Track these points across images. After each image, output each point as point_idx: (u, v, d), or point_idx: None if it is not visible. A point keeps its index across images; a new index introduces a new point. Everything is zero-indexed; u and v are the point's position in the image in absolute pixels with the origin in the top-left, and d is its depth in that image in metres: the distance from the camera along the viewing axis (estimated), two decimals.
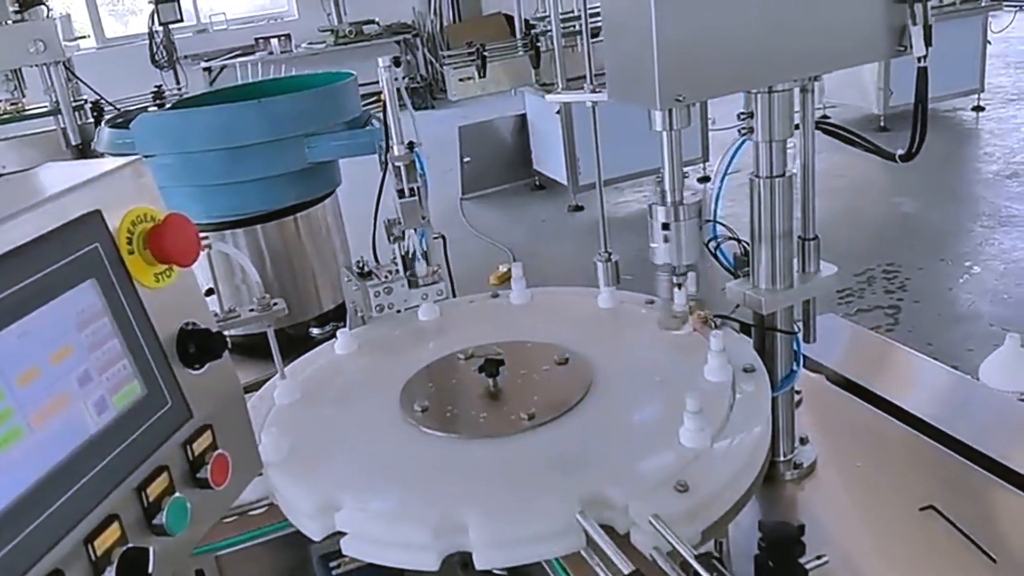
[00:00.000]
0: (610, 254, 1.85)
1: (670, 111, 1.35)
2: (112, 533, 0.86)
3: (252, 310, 2.17)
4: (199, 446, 0.98)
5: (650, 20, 1.21)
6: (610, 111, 1.71)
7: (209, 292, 1.95)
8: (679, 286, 1.54)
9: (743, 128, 1.47)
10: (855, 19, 1.38)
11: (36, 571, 0.80)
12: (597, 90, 1.60)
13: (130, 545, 0.87)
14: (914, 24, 1.36)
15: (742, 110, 1.46)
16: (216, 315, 2.06)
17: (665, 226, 1.46)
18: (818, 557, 1.16)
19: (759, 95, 1.42)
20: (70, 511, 0.84)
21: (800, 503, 1.59)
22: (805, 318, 1.59)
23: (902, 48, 1.39)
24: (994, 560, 1.34)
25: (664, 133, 1.40)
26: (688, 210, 1.45)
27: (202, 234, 1.03)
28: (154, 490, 0.92)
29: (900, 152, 1.50)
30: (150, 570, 0.86)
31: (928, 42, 1.36)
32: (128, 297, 0.93)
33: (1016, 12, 9.00)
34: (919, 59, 1.39)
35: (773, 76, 1.38)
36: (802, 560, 1.14)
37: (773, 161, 1.47)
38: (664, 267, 1.51)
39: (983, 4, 8.16)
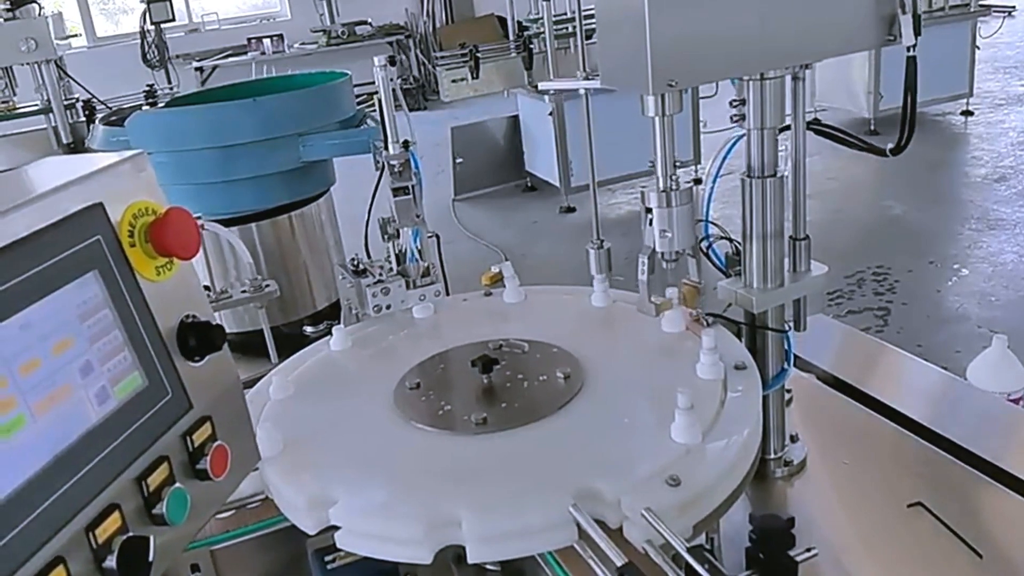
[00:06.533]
0: (602, 241, 1.86)
1: (662, 96, 1.35)
2: (113, 522, 0.87)
3: (244, 291, 2.17)
4: (199, 437, 0.99)
5: (643, 5, 1.22)
6: (603, 112, 1.73)
7: (206, 289, 1.96)
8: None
9: (735, 115, 1.48)
10: (845, 8, 1.39)
11: (38, 559, 0.81)
12: (590, 77, 1.61)
13: (131, 534, 0.88)
14: (903, 13, 1.37)
15: (734, 97, 1.47)
16: (208, 296, 2.06)
17: (648, 210, 1.46)
18: (808, 550, 1.18)
19: (751, 82, 1.43)
20: (72, 500, 0.85)
21: (790, 499, 1.61)
22: (796, 311, 1.61)
23: (891, 38, 1.40)
24: (980, 555, 1.36)
25: (656, 119, 1.40)
26: (680, 196, 1.46)
27: (195, 214, 1.04)
28: (154, 480, 0.93)
29: (890, 146, 1.51)
30: (151, 559, 0.87)
31: (917, 31, 1.37)
32: (129, 289, 0.94)
33: (1004, 17, 9.07)
34: (908, 48, 1.40)
35: (765, 63, 1.39)
36: (792, 552, 1.16)
37: (764, 150, 1.47)
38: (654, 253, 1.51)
39: (972, 9, 8.23)
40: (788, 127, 1.52)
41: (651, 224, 1.48)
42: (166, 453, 0.95)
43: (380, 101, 1.91)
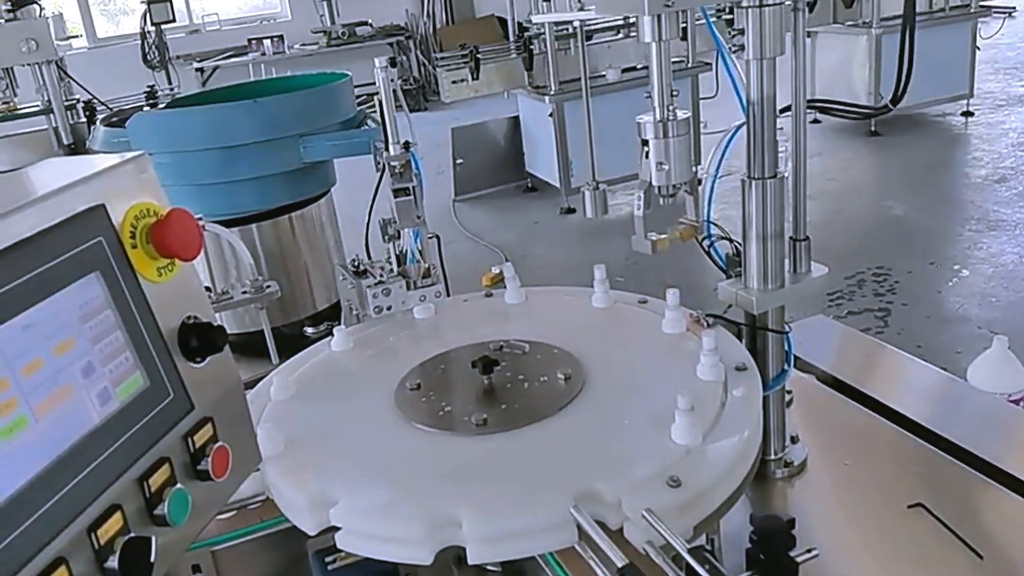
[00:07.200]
0: (598, 183, 1.84)
1: (659, 19, 1.33)
2: (115, 523, 0.87)
3: (245, 292, 2.17)
4: (200, 438, 0.99)
5: None
6: (603, 113, 1.72)
7: (207, 289, 1.97)
8: None
9: (734, 46, 1.44)
10: None
11: (40, 559, 0.81)
12: (585, 8, 1.60)
13: (133, 535, 0.89)
14: None
15: (735, 28, 1.45)
16: (209, 296, 2.06)
17: (644, 143, 1.42)
18: (808, 550, 1.18)
19: (750, 9, 1.39)
20: (74, 500, 0.85)
21: (790, 500, 1.61)
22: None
23: None
24: (981, 556, 1.37)
25: (653, 44, 1.37)
26: (678, 127, 1.42)
27: (196, 215, 1.04)
28: (156, 481, 0.93)
29: (889, 98, 1.50)
30: (152, 559, 0.88)
31: None
32: (131, 290, 0.95)
33: (1004, 18, 9.07)
34: None
35: None
36: (792, 553, 1.16)
37: (764, 82, 1.43)
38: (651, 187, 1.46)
39: (972, 10, 8.23)
40: (788, 108, 1.50)
41: (647, 157, 1.43)
42: (167, 454, 0.95)
43: (380, 102, 1.92)
